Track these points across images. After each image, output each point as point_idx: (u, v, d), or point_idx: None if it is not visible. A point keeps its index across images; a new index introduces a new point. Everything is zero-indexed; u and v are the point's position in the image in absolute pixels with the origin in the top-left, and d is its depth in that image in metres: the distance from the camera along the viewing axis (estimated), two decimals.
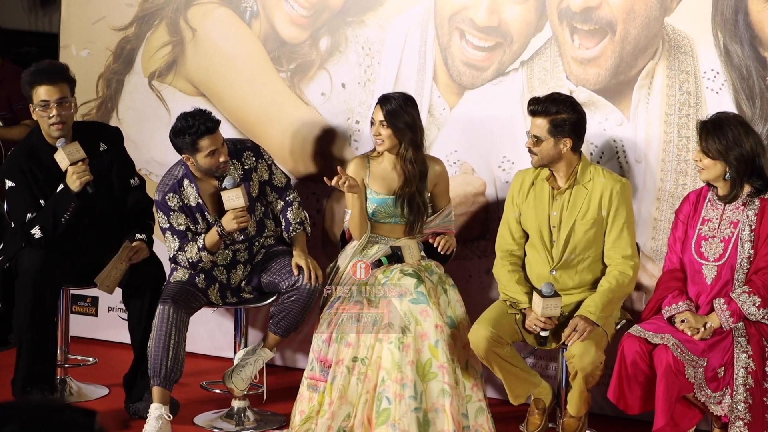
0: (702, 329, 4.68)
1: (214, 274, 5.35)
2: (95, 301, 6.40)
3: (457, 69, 5.68)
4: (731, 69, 5.19)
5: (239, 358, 5.38)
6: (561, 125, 4.93)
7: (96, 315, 6.36)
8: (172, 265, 5.39)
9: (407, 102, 5.27)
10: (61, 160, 5.20)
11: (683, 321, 4.73)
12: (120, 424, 5.34)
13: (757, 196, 4.76)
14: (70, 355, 5.73)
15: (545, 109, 4.95)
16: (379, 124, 5.24)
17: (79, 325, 6.24)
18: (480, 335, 4.88)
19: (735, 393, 4.62)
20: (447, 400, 4.91)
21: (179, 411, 5.30)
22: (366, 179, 5.33)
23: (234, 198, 5.12)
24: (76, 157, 5.17)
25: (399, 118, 5.22)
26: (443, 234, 5.36)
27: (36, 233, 5.24)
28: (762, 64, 5.14)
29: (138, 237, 5.35)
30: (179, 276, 5.29)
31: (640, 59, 5.34)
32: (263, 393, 5.44)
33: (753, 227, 4.74)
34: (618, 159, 5.41)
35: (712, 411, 4.71)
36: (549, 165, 5.03)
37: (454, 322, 5.12)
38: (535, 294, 4.90)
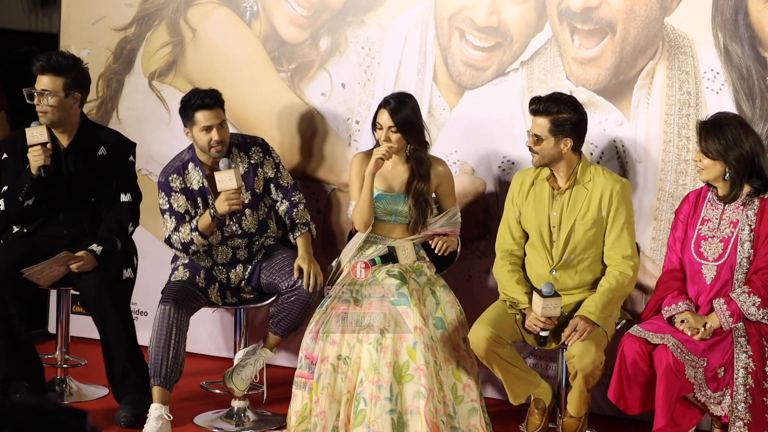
0: (702, 329, 4.68)
1: (213, 273, 5.35)
2: None
3: (457, 69, 5.68)
4: (731, 69, 5.18)
5: (239, 358, 5.38)
6: (562, 125, 4.93)
7: None
8: (172, 265, 5.39)
9: (410, 103, 5.27)
10: (28, 138, 5.33)
11: (683, 321, 4.72)
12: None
13: (757, 196, 4.75)
14: (67, 356, 5.73)
15: (546, 109, 4.95)
16: (388, 130, 5.24)
17: (79, 325, 6.23)
18: (480, 335, 4.88)
19: (735, 393, 4.61)
20: (422, 402, 4.88)
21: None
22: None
23: (227, 179, 5.15)
24: (36, 141, 5.30)
25: (408, 123, 5.23)
26: (443, 235, 5.36)
27: (1, 205, 5.42)
28: (762, 64, 5.13)
29: (90, 248, 5.31)
30: (179, 275, 5.29)
31: (640, 59, 5.34)
32: (263, 393, 5.44)
33: (752, 227, 4.74)
34: (618, 159, 5.40)
35: (712, 411, 4.70)
36: (549, 164, 5.03)
37: (443, 323, 5.11)
38: (535, 294, 4.89)
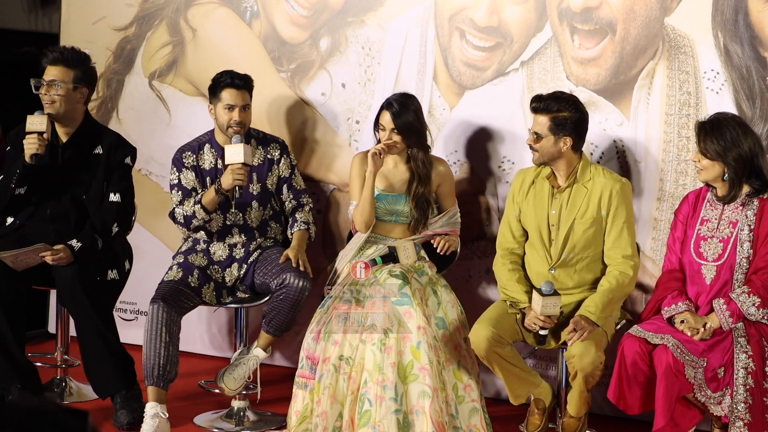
0: (702, 329, 4.68)
1: (208, 272, 5.36)
2: None
3: (458, 69, 5.68)
4: (731, 69, 5.18)
5: (234, 358, 5.39)
6: (562, 123, 4.94)
7: None
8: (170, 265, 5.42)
9: (412, 106, 5.27)
10: (28, 125, 5.36)
11: (683, 321, 4.72)
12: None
13: (756, 196, 4.75)
14: (67, 356, 5.73)
15: (547, 107, 4.96)
16: (391, 131, 5.25)
17: None
18: (481, 335, 4.88)
19: (735, 393, 4.61)
20: (427, 402, 4.89)
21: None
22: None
23: (236, 153, 5.25)
24: (35, 129, 5.33)
25: (409, 127, 5.24)
26: (444, 235, 5.36)
27: None
28: (762, 64, 5.13)
29: (69, 243, 5.29)
30: (172, 275, 5.31)
31: (640, 59, 5.34)
32: (258, 393, 5.42)
33: (752, 227, 4.74)
34: (618, 159, 5.40)
35: (712, 411, 4.70)
36: (549, 163, 5.03)
37: (444, 323, 5.11)
38: (535, 292, 4.90)
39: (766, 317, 4.68)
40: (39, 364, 5.58)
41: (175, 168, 5.45)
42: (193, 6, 6.18)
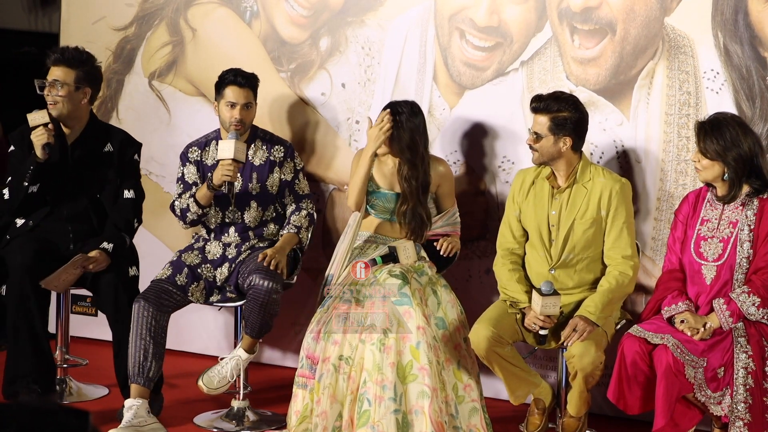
0: (702, 329, 4.68)
1: (199, 271, 5.37)
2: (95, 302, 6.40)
3: (457, 69, 5.68)
4: (731, 69, 5.18)
5: (221, 359, 5.39)
6: (562, 123, 4.94)
7: (96, 315, 6.35)
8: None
9: (410, 125, 5.24)
10: (30, 122, 5.37)
11: (683, 321, 4.72)
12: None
13: (756, 196, 4.75)
14: (67, 356, 5.73)
15: (547, 107, 4.96)
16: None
17: (79, 325, 6.24)
18: (481, 335, 4.88)
19: (735, 393, 4.61)
20: (426, 402, 4.89)
21: (162, 410, 5.34)
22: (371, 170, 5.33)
23: (226, 149, 5.28)
24: (38, 122, 5.34)
25: (399, 139, 5.22)
26: (446, 236, 5.36)
27: (5, 194, 5.44)
28: (762, 64, 5.14)
29: (102, 246, 5.34)
30: (161, 274, 5.35)
31: (640, 59, 5.34)
32: (239, 395, 5.39)
33: (752, 227, 4.74)
34: (618, 159, 5.40)
35: (712, 411, 4.71)
36: (549, 163, 5.03)
37: (444, 323, 5.11)
38: (535, 292, 4.90)
39: (766, 317, 4.69)
40: None
41: (181, 162, 5.52)
42: (193, 6, 6.18)
